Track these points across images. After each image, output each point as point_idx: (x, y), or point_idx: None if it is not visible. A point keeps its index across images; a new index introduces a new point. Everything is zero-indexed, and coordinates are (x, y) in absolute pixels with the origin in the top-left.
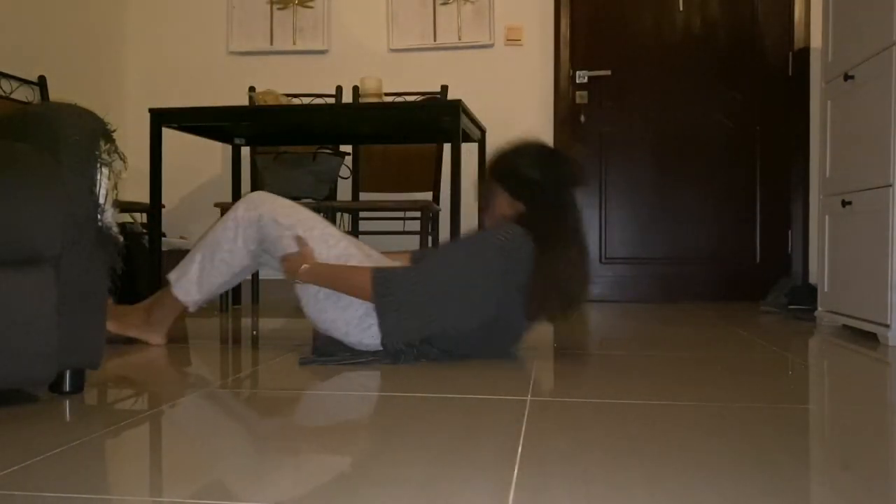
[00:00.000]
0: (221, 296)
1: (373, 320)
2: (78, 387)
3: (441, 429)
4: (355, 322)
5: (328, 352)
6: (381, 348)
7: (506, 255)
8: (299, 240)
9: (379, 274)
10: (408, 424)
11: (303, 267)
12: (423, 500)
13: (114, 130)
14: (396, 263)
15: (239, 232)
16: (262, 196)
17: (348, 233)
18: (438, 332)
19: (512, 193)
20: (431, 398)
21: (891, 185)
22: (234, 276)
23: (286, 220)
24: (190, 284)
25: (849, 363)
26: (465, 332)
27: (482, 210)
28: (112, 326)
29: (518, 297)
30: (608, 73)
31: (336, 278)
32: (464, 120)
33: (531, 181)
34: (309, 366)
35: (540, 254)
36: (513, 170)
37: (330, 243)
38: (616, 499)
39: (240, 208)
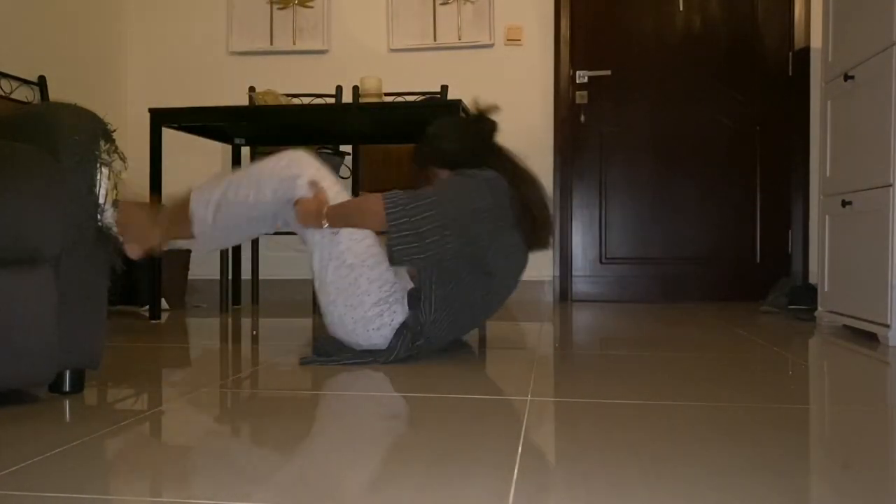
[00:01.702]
0: (222, 296)
1: (382, 320)
2: (78, 387)
3: (441, 429)
4: (363, 321)
5: (329, 352)
6: (384, 348)
7: (492, 190)
8: (313, 184)
9: (389, 200)
10: (408, 424)
11: (325, 210)
12: (423, 500)
13: (114, 130)
14: None
15: (272, 181)
16: (308, 159)
17: None
18: (438, 260)
19: (451, 166)
20: (431, 398)
21: (891, 185)
22: (250, 218)
23: (323, 179)
24: (206, 212)
25: (849, 363)
26: (456, 266)
27: None
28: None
29: (502, 240)
30: (608, 73)
31: (350, 213)
32: None
33: (458, 147)
34: (310, 365)
35: (516, 187)
36: (437, 148)
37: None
38: (616, 499)
39: (283, 161)
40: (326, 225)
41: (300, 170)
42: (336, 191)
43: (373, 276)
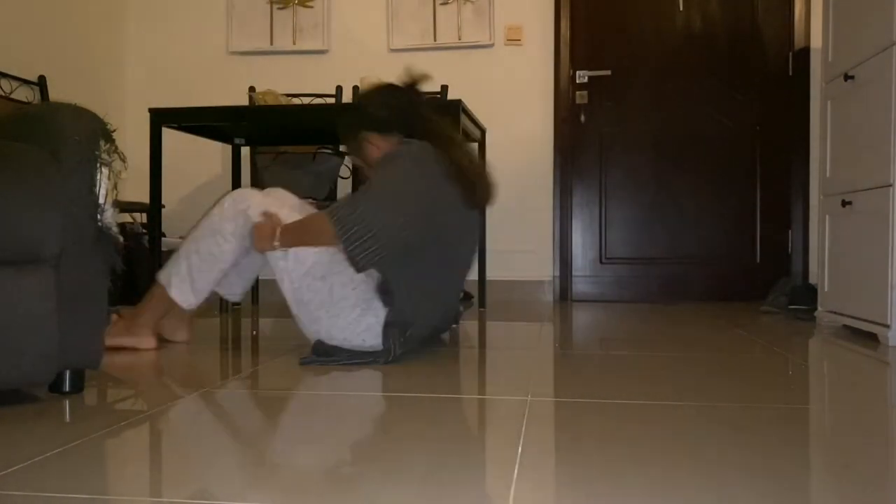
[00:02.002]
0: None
1: (367, 320)
2: (78, 387)
3: (441, 429)
4: (350, 327)
5: (328, 352)
6: (381, 347)
7: (420, 164)
8: (266, 213)
9: (334, 216)
10: (407, 424)
11: (277, 232)
12: (423, 500)
13: (114, 130)
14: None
15: (225, 223)
16: (250, 192)
17: None
18: (397, 246)
19: (381, 130)
20: (431, 398)
21: (891, 185)
22: (223, 271)
23: (274, 204)
24: (181, 282)
25: (849, 363)
26: (417, 246)
27: (368, 168)
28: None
29: (446, 207)
30: (608, 73)
31: (300, 233)
32: (464, 120)
33: (390, 112)
34: (309, 366)
35: (443, 151)
36: (369, 113)
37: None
38: (616, 499)
39: (226, 202)
40: (278, 245)
41: (246, 202)
42: (286, 213)
43: (344, 280)
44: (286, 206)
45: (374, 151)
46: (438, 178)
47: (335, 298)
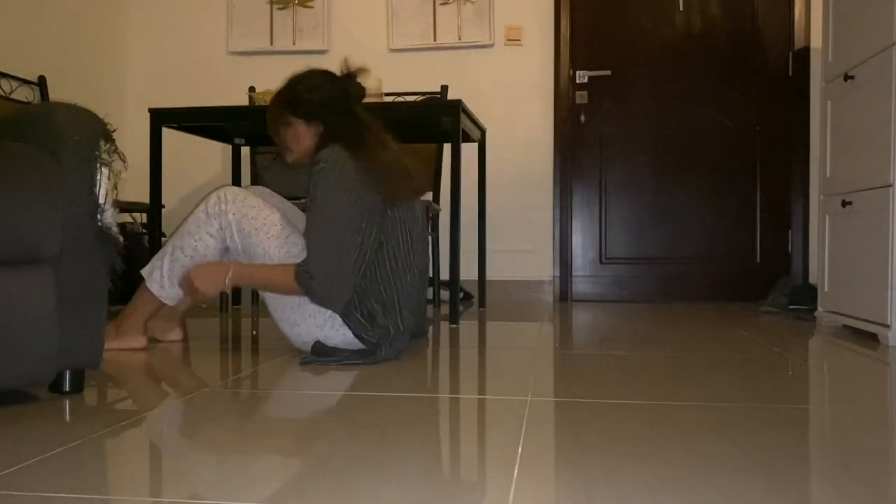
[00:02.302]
0: (221, 296)
1: (338, 317)
2: (78, 387)
3: (441, 429)
4: (328, 325)
5: (328, 352)
6: (361, 344)
7: (332, 176)
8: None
9: (298, 270)
10: (407, 424)
11: (228, 275)
12: (423, 500)
13: (114, 130)
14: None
15: (211, 220)
16: (234, 193)
17: None
18: (354, 279)
19: (306, 118)
20: (431, 398)
21: (891, 185)
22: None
23: (248, 225)
24: (162, 278)
25: (849, 363)
26: (370, 271)
27: (285, 151)
28: None
29: (373, 211)
30: (608, 73)
31: (261, 281)
32: (464, 120)
33: (319, 100)
34: (310, 366)
35: (359, 154)
36: (298, 96)
37: (286, 242)
38: (616, 499)
39: (211, 200)
40: (229, 284)
41: (226, 205)
42: (264, 234)
43: None
44: (265, 208)
45: (294, 138)
46: (361, 191)
47: (304, 299)
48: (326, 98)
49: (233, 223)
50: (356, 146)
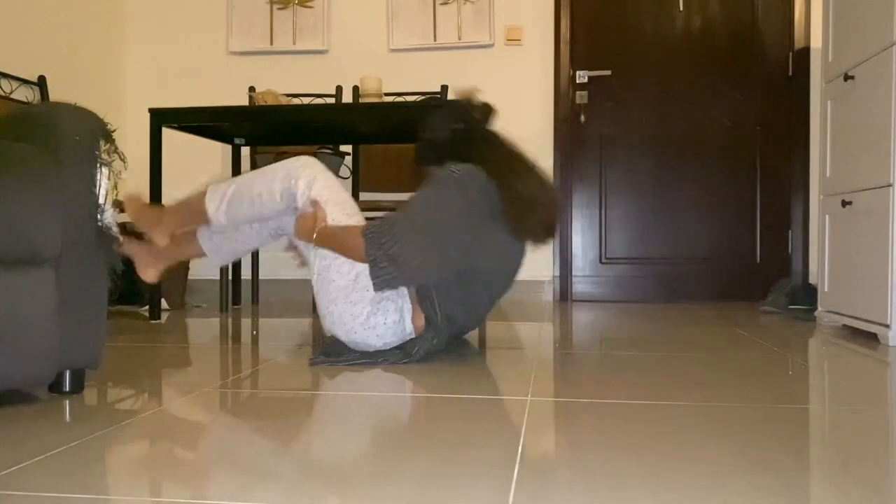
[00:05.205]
0: (221, 296)
1: (376, 320)
2: (78, 387)
3: (441, 429)
4: (362, 320)
5: (336, 352)
6: (382, 348)
7: (461, 185)
8: (315, 203)
9: (368, 233)
10: (408, 424)
11: (316, 230)
12: (423, 500)
13: (114, 130)
14: None
15: (284, 181)
16: (316, 166)
17: None
18: (424, 278)
19: (441, 162)
20: (431, 398)
21: (891, 185)
22: (259, 214)
23: (325, 192)
24: (221, 201)
25: (849, 363)
26: (449, 281)
27: None
28: (129, 210)
29: (491, 235)
30: (608, 73)
31: (335, 240)
32: None
33: (446, 140)
34: (319, 366)
35: (498, 177)
36: (428, 145)
37: (354, 214)
38: (616, 499)
39: (297, 163)
40: (314, 243)
41: (311, 177)
42: (339, 210)
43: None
44: (341, 202)
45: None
46: (480, 210)
47: (359, 286)
48: (450, 134)
49: (303, 186)
50: (494, 170)
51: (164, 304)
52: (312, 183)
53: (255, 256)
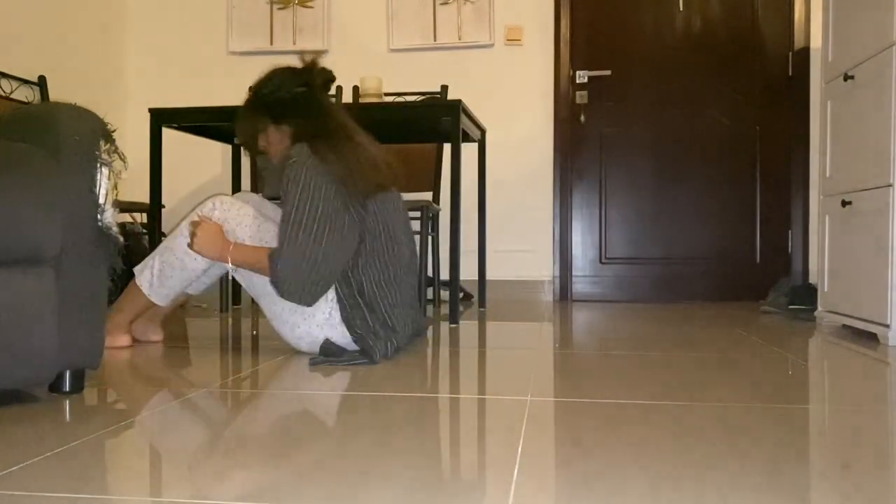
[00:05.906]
0: (222, 296)
1: (337, 315)
2: (78, 387)
3: (441, 429)
4: (325, 324)
5: (335, 352)
6: (337, 340)
7: (315, 171)
8: (203, 217)
9: (271, 255)
10: (407, 424)
11: (230, 249)
12: (423, 501)
13: (114, 130)
14: None
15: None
16: (224, 199)
17: None
18: (330, 275)
19: (275, 121)
20: (432, 398)
21: (891, 185)
22: (194, 272)
23: (231, 222)
24: (153, 277)
25: (849, 363)
26: (352, 268)
27: (270, 156)
28: None
29: (348, 208)
30: (608, 73)
31: (252, 260)
32: (464, 120)
33: (283, 99)
34: (319, 366)
35: (323, 153)
36: (262, 100)
37: (258, 230)
38: (617, 499)
39: (204, 205)
40: (229, 259)
41: (213, 202)
42: (249, 234)
43: None
44: (244, 206)
45: (271, 142)
46: (331, 185)
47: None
48: (290, 95)
49: (218, 222)
50: (321, 143)
51: None
52: (215, 206)
53: None
